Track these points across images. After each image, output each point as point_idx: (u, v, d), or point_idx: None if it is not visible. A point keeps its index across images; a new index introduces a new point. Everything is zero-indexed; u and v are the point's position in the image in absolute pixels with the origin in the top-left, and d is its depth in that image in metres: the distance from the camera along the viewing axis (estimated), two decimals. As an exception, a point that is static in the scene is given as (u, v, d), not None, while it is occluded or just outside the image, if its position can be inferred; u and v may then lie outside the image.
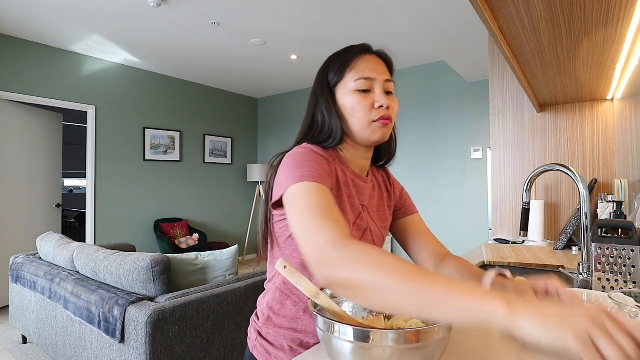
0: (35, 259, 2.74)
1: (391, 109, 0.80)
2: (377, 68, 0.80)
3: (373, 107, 0.78)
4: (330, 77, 0.83)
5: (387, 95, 0.80)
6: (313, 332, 0.79)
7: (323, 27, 3.64)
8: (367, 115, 0.78)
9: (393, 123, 0.83)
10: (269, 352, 0.80)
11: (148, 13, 3.33)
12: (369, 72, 0.79)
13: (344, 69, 0.80)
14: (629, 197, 1.65)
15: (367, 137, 0.80)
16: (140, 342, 1.65)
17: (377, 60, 0.83)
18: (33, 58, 3.98)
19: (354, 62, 0.80)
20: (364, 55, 0.82)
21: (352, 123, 0.80)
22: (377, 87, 0.79)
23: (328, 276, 0.53)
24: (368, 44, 0.85)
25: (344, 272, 0.52)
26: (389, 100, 0.79)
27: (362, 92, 0.78)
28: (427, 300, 0.46)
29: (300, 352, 0.78)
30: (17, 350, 2.82)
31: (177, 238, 4.93)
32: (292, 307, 0.79)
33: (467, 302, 0.44)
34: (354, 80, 0.79)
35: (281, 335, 0.79)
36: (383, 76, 0.80)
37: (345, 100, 0.79)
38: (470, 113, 4.45)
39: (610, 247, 1.00)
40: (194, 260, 2.13)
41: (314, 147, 0.78)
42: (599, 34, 1.03)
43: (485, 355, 0.69)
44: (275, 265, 0.65)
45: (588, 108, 2.01)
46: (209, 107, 5.76)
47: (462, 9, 2.77)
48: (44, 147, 4.25)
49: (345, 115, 0.80)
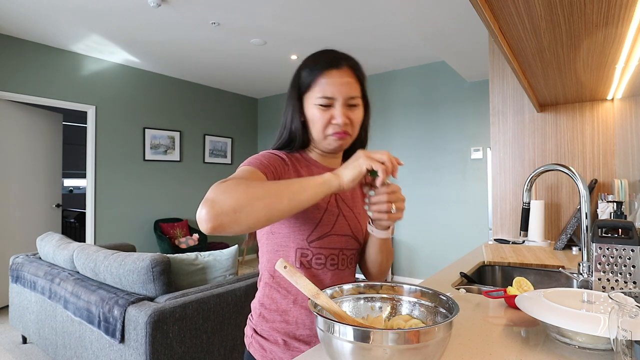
0: (35, 259, 2.74)
1: (351, 123, 0.84)
2: (340, 88, 0.81)
3: (330, 122, 0.82)
4: (301, 84, 0.86)
5: (349, 108, 0.83)
6: (304, 323, 0.81)
7: (323, 27, 3.64)
8: (323, 128, 0.83)
9: (352, 135, 0.86)
10: (264, 348, 0.83)
11: (148, 13, 3.33)
12: (331, 92, 0.81)
13: (310, 82, 0.83)
14: (629, 197, 1.65)
15: (324, 147, 0.87)
16: (140, 342, 1.65)
17: (344, 74, 0.83)
18: (33, 58, 3.97)
19: (318, 79, 0.82)
20: (330, 71, 0.82)
21: (312, 132, 0.86)
22: (337, 104, 0.82)
23: (217, 208, 0.61)
24: (338, 55, 0.85)
25: (232, 195, 0.62)
26: (350, 114, 0.83)
27: (323, 107, 0.82)
28: (291, 192, 0.65)
29: (294, 345, 0.80)
30: (17, 350, 2.82)
31: (177, 238, 4.93)
32: (281, 300, 0.84)
33: (314, 183, 0.67)
34: (317, 96, 0.82)
35: (274, 329, 0.83)
36: (346, 94, 0.82)
37: (309, 111, 0.84)
38: (470, 113, 4.45)
39: (611, 247, 1.00)
40: (194, 260, 2.14)
41: (276, 150, 0.87)
42: (599, 34, 1.03)
43: (485, 355, 0.69)
44: (275, 265, 0.65)
45: (588, 108, 2.01)
46: (209, 107, 5.76)
47: (462, 8, 2.77)
48: (44, 147, 4.25)
49: (308, 123, 0.86)
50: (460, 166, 4.52)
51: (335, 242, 0.85)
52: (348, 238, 0.87)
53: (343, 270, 0.87)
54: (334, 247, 0.85)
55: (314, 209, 0.84)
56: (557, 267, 1.46)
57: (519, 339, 0.76)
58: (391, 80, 5.03)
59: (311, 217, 0.83)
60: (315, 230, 0.83)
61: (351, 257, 0.89)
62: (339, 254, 0.86)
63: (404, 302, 0.70)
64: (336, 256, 0.86)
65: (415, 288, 0.69)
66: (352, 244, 0.88)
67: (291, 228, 0.83)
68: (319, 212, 0.84)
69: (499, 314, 0.92)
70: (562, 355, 0.68)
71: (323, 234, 0.84)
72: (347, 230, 0.87)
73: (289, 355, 0.80)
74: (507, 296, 0.96)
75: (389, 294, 0.71)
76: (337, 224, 0.86)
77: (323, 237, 0.84)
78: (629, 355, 0.53)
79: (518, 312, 0.92)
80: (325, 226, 0.84)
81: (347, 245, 0.87)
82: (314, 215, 0.83)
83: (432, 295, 0.67)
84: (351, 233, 0.88)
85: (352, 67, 0.86)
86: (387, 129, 5.05)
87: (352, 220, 0.88)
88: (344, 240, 0.86)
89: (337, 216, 0.86)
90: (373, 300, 0.71)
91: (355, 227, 0.89)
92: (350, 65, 0.85)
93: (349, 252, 0.88)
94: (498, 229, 2.22)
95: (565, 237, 1.75)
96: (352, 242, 0.88)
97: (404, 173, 4.89)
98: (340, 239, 0.86)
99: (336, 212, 0.86)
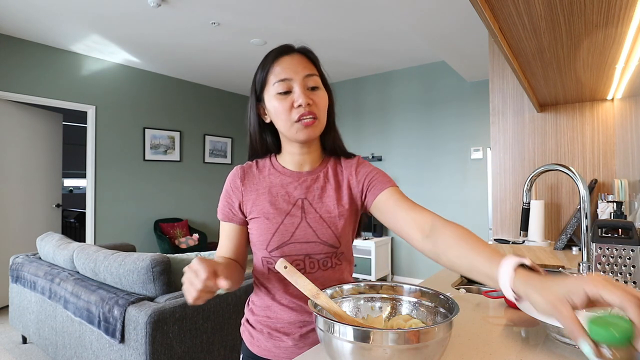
0: (35, 259, 2.74)
1: (314, 104, 0.80)
2: (294, 67, 0.80)
3: (293, 107, 0.79)
4: (257, 83, 0.85)
5: (310, 91, 0.81)
6: (283, 319, 0.85)
7: (323, 27, 3.64)
8: (288, 116, 0.80)
9: (321, 118, 0.82)
10: (252, 335, 0.90)
11: (148, 13, 3.33)
12: (285, 73, 0.79)
13: (265, 73, 0.82)
14: (629, 197, 1.65)
15: (294, 137, 0.82)
16: (140, 342, 1.65)
17: (296, 58, 0.82)
18: (33, 58, 3.97)
19: (272, 66, 0.81)
20: (281, 57, 0.81)
21: (279, 126, 0.83)
22: (296, 85, 0.79)
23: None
24: (287, 44, 0.84)
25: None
26: (313, 96, 0.80)
27: (283, 94, 0.80)
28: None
29: (275, 335, 0.86)
30: (17, 350, 2.82)
31: (177, 238, 4.93)
32: (264, 296, 0.88)
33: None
34: (273, 83, 0.80)
35: (259, 322, 0.88)
36: (301, 73, 0.80)
37: (270, 105, 0.82)
38: (470, 113, 4.45)
39: (611, 247, 1.00)
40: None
41: (239, 170, 0.88)
42: (599, 34, 1.03)
43: (485, 356, 0.69)
44: (276, 265, 0.65)
45: (588, 108, 2.01)
46: (209, 107, 5.76)
47: (462, 8, 2.77)
48: (44, 147, 4.25)
49: (274, 119, 0.84)
50: (460, 166, 4.52)
51: (297, 249, 0.82)
52: (313, 244, 0.82)
53: (314, 273, 0.83)
54: (297, 254, 0.82)
55: (275, 214, 0.82)
56: (557, 267, 1.46)
57: (519, 339, 0.76)
58: (391, 80, 5.03)
59: (266, 227, 0.82)
60: (272, 240, 0.81)
61: (324, 260, 0.84)
62: (305, 259, 0.83)
63: (404, 302, 0.70)
64: (302, 261, 0.82)
65: (415, 288, 0.69)
66: (320, 249, 0.83)
67: (253, 238, 0.86)
68: (279, 218, 0.82)
69: (499, 314, 0.92)
70: (562, 355, 0.68)
71: (281, 243, 0.81)
72: (310, 237, 0.82)
73: (272, 343, 0.86)
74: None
75: (389, 294, 0.71)
76: (298, 232, 0.82)
77: (282, 246, 0.81)
78: (629, 355, 0.53)
79: (518, 312, 0.92)
80: (282, 235, 0.81)
81: (314, 250, 0.82)
82: (271, 224, 0.82)
83: (432, 295, 0.67)
84: (317, 239, 0.82)
85: (302, 50, 0.85)
86: (387, 128, 5.05)
87: (317, 225, 0.82)
88: (308, 247, 0.82)
89: (298, 224, 0.82)
90: (373, 300, 0.71)
91: (323, 233, 0.82)
92: (300, 50, 0.84)
93: (319, 256, 0.83)
94: (498, 229, 2.22)
95: (565, 237, 1.75)
96: (321, 247, 0.82)
97: (404, 173, 4.89)
98: (303, 245, 0.82)
99: (297, 220, 0.82)
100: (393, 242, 4.95)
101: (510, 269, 0.54)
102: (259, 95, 0.85)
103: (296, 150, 0.87)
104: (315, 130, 0.82)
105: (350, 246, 0.90)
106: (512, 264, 0.55)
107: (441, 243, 0.69)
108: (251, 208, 0.85)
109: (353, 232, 0.90)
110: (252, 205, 0.85)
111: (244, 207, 0.86)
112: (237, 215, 0.86)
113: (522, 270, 0.54)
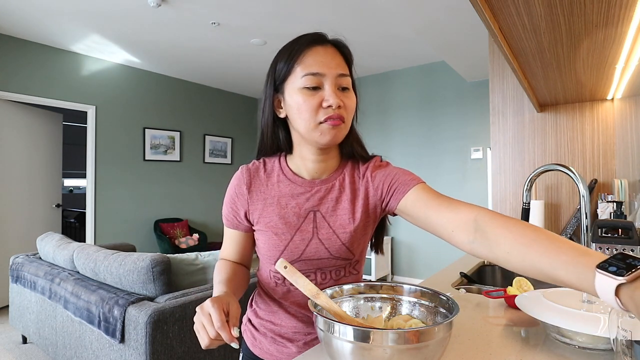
0: (35, 259, 2.74)
1: (344, 107, 0.72)
2: (328, 62, 0.71)
3: (321, 107, 0.70)
4: (278, 71, 0.74)
5: (341, 91, 0.73)
6: (288, 327, 0.83)
7: (323, 28, 3.62)
8: (313, 115, 0.70)
9: (347, 123, 0.74)
10: (254, 337, 0.87)
11: (148, 13, 3.33)
12: (318, 67, 0.70)
13: (292, 62, 0.72)
14: (629, 197, 1.65)
15: (315, 140, 0.73)
16: (140, 342, 1.65)
17: (330, 51, 0.73)
18: (33, 58, 3.97)
19: (302, 55, 0.71)
20: (314, 46, 0.72)
21: (299, 124, 0.73)
22: (327, 83, 0.71)
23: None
24: (322, 32, 0.75)
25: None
26: (343, 98, 0.72)
27: (310, 90, 0.70)
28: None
29: (279, 340, 0.83)
30: (17, 350, 2.82)
31: (177, 238, 4.93)
32: (270, 302, 0.85)
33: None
34: (301, 76, 0.70)
35: (263, 326, 0.86)
36: (335, 70, 0.71)
37: (292, 99, 0.72)
38: (470, 113, 4.45)
39: (610, 247, 1.00)
40: (194, 260, 2.13)
41: (245, 174, 0.80)
42: (599, 34, 1.03)
43: (485, 355, 0.69)
44: (276, 265, 0.65)
45: (588, 108, 2.01)
46: (209, 107, 5.76)
47: (462, 8, 2.77)
48: (44, 147, 4.25)
49: (292, 115, 0.74)
50: (460, 166, 4.52)
51: (308, 265, 0.77)
52: (326, 260, 0.77)
53: (326, 284, 0.79)
54: (308, 269, 0.78)
55: (285, 230, 0.76)
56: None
57: (519, 339, 0.76)
58: (391, 80, 5.03)
59: (274, 244, 0.77)
60: (280, 257, 0.74)
61: (337, 271, 0.80)
62: (317, 272, 0.78)
63: (404, 302, 0.70)
64: (313, 273, 0.78)
65: (415, 288, 0.69)
66: (333, 263, 0.78)
67: (260, 248, 0.81)
68: (288, 235, 0.76)
69: (499, 314, 0.92)
70: (562, 355, 0.68)
71: (290, 261, 0.75)
72: (322, 254, 0.77)
73: (275, 347, 0.83)
74: (507, 296, 0.96)
75: (389, 294, 0.71)
76: (308, 249, 0.76)
77: (292, 263, 0.76)
78: (629, 355, 0.53)
79: (518, 312, 0.92)
80: (292, 252, 0.76)
81: (326, 265, 0.78)
82: (279, 240, 0.76)
83: (432, 295, 0.67)
84: (329, 255, 0.77)
85: (337, 44, 0.75)
86: (387, 128, 5.05)
87: (330, 242, 0.77)
88: (319, 263, 0.78)
89: (310, 241, 0.76)
90: (373, 300, 0.71)
91: (336, 249, 0.77)
92: (334, 42, 0.75)
93: (331, 269, 0.79)
94: (498, 229, 2.22)
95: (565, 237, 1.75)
96: (333, 261, 0.78)
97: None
98: (314, 262, 0.77)
99: (308, 237, 0.76)
100: (393, 242, 4.95)
101: (613, 283, 0.44)
102: (278, 85, 0.75)
103: (312, 155, 0.78)
104: (340, 134, 0.73)
105: (365, 252, 0.84)
106: (612, 281, 0.44)
107: (496, 248, 0.57)
108: (258, 219, 0.79)
109: (369, 237, 0.84)
110: (260, 216, 0.78)
111: (250, 216, 0.80)
112: (242, 224, 0.81)
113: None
